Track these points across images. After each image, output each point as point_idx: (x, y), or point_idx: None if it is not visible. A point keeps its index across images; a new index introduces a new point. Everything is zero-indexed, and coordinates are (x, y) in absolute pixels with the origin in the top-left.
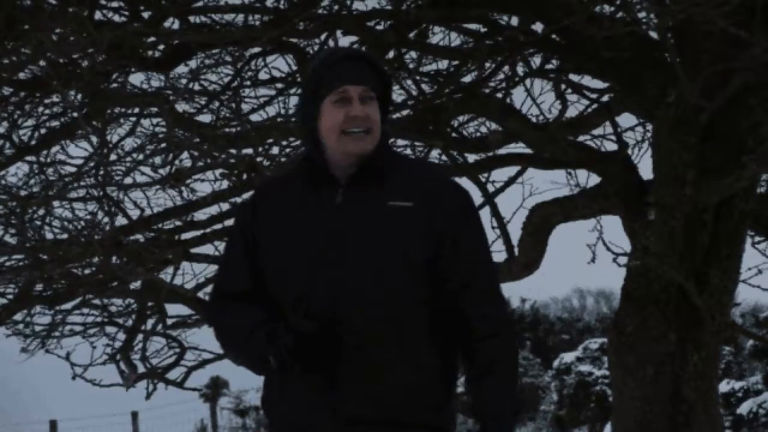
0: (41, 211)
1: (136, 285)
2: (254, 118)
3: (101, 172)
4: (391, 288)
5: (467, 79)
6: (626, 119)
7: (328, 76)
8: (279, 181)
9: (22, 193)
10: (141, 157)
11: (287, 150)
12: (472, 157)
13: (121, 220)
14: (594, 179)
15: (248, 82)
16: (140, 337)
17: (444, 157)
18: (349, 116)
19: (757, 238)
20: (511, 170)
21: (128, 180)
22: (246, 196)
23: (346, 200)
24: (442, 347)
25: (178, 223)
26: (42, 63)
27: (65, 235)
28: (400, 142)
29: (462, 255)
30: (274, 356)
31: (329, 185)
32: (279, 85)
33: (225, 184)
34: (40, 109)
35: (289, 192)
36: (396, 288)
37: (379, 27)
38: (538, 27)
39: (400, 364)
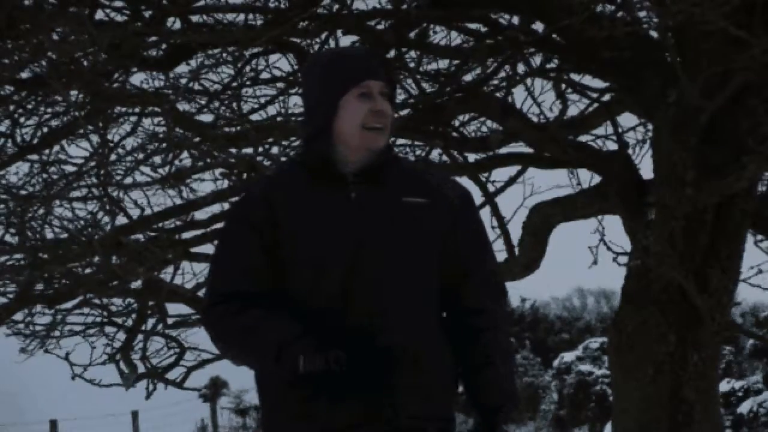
0: (41, 211)
1: (136, 284)
2: (254, 117)
3: (102, 172)
4: (422, 287)
5: (468, 78)
6: (627, 119)
7: (350, 69)
8: (282, 178)
9: (23, 192)
10: (141, 156)
11: (287, 150)
12: (472, 157)
13: (121, 220)
14: (595, 179)
15: (249, 82)
16: (140, 337)
17: (444, 157)
18: (373, 111)
19: (759, 236)
20: (512, 170)
21: (128, 179)
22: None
23: (360, 197)
24: (451, 342)
25: (178, 222)
26: (42, 63)
27: (65, 235)
28: (401, 141)
29: (466, 251)
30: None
31: (338, 182)
32: (280, 85)
33: (225, 183)
34: (42, 108)
35: (299, 189)
36: (426, 287)
37: (380, 27)
38: (538, 27)
39: (436, 361)
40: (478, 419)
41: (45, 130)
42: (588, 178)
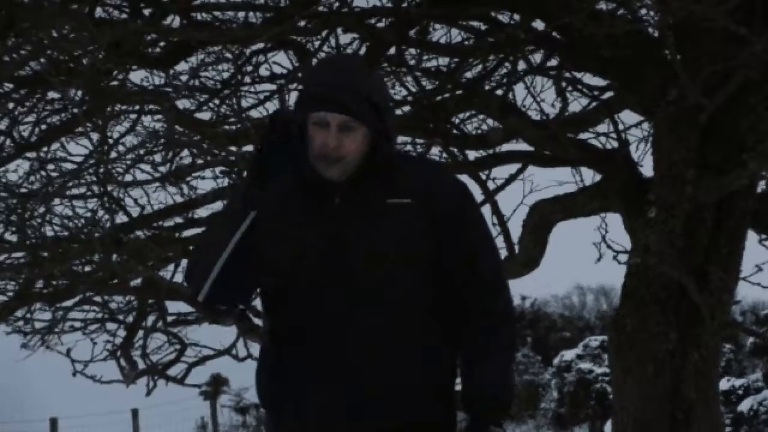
0: (41, 209)
1: (136, 282)
2: (254, 115)
3: (101, 170)
4: (398, 288)
5: (468, 76)
6: (628, 116)
7: (311, 96)
8: (281, 178)
9: (23, 190)
10: (141, 152)
11: None
12: (472, 155)
13: (121, 218)
14: (595, 177)
15: (248, 79)
16: (140, 333)
17: (444, 155)
18: (324, 143)
19: (763, 235)
20: (512, 168)
21: (128, 177)
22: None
23: (344, 201)
24: (449, 345)
25: (178, 220)
26: (42, 60)
27: (65, 233)
28: (401, 138)
29: (462, 250)
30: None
31: (326, 187)
32: (280, 82)
33: (225, 181)
34: (41, 105)
35: (289, 190)
36: (403, 287)
37: (380, 24)
38: (538, 24)
39: (411, 363)
40: (468, 420)
41: (44, 127)
42: (589, 176)
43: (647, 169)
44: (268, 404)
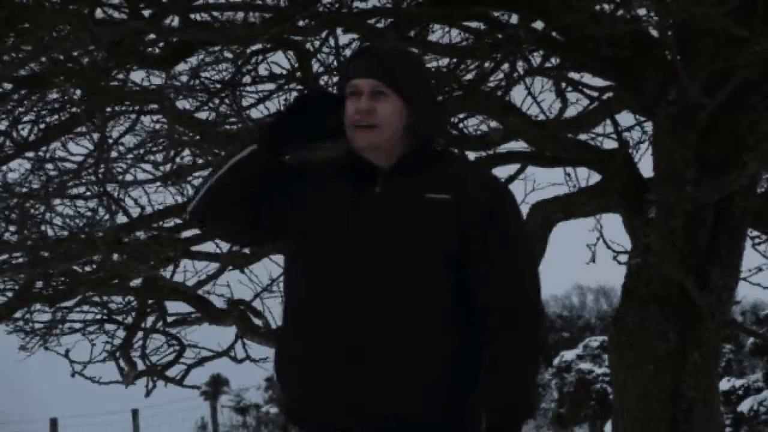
0: (41, 208)
1: (136, 282)
2: (255, 116)
3: (101, 169)
4: (413, 284)
5: (468, 76)
6: (627, 118)
7: (344, 68)
8: (332, 159)
9: (23, 190)
10: (141, 152)
11: None
12: (472, 155)
13: (121, 218)
14: (593, 177)
15: (248, 79)
16: (140, 334)
17: None
18: (356, 108)
19: (757, 240)
20: (512, 168)
21: (129, 177)
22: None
23: (384, 192)
24: (462, 346)
25: (178, 220)
26: (43, 60)
27: (66, 233)
28: None
29: (487, 254)
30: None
31: (370, 174)
32: (280, 82)
33: None
34: (40, 105)
35: (336, 167)
36: (419, 284)
37: (380, 25)
38: (538, 25)
39: (408, 359)
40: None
41: (42, 126)
42: (585, 176)
43: (647, 169)
44: (276, 369)
